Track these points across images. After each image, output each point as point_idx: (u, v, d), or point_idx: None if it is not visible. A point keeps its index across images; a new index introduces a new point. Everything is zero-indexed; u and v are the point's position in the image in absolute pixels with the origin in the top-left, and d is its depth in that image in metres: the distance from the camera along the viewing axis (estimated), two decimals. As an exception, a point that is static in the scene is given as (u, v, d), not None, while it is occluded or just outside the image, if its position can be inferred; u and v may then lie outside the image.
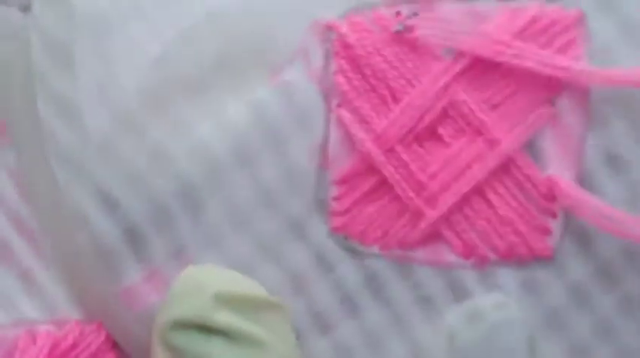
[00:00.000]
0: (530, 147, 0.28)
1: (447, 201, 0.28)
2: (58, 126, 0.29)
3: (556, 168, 0.28)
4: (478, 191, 0.28)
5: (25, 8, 0.29)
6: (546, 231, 0.28)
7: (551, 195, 0.28)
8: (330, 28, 0.29)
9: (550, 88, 0.28)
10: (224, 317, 0.27)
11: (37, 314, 0.30)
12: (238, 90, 0.29)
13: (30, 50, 0.29)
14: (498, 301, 0.28)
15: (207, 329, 0.27)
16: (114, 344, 0.30)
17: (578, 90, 0.28)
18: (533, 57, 0.27)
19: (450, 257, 0.28)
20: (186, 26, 0.29)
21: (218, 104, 0.29)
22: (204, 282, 0.27)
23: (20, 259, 0.30)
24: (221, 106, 0.29)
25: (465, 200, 0.28)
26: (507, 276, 0.28)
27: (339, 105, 0.29)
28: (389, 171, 0.28)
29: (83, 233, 0.29)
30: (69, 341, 0.29)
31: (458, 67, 0.28)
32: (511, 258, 0.28)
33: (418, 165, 0.28)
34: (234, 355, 0.26)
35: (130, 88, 0.29)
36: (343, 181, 0.29)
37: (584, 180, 0.28)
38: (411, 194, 0.28)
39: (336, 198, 0.29)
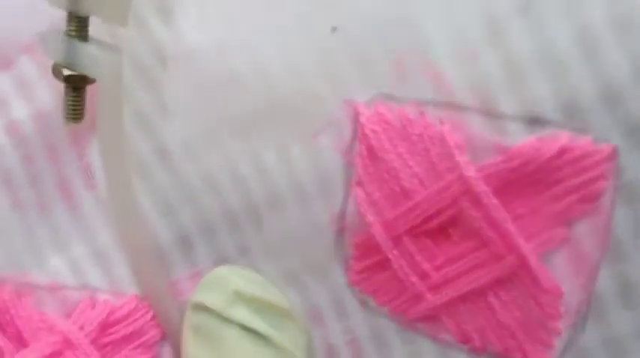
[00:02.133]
0: (533, 266, 0.28)
1: (449, 293, 0.29)
2: (137, 135, 0.32)
3: (566, 288, 0.28)
4: (481, 293, 0.29)
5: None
6: (548, 346, 0.29)
7: (557, 313, 0.28)
8: (359, 110, 0.28)
9: (567, 214, 0.27)
10: (239, 313, 0.30)
11: (101, 284, 0.34)
12: (278, 142, 0.30)
13: (122, 67, 0.31)
14: None
15: (226, 319, 0.31)
16: (159, 324, 0.34)
17: (601, 220, 0.27)
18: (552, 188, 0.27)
19: (448, 337, 0.30)
20: (243, 68, 0.30)
21: (258, 149, 0.30)
22: (229, 279, 0.31)
23: (98, 235, 0.34)
24: (260, 152, 0.30)
25: (466, 296, 0.29)
26: None
27: (357, 184, 0.29)
28: (394, 256, 0.29)
29: (145, 232, 0.32)
30: (123, 311, 0.34)
31: (468, 186, 0.27)
32: (507, 357, 0.30)
33: (424, 255, 0.29)
34: (246, 344, 0.30)
35: (196, 115, 0.31)
36: (358, 247, 0.30)
37: (594, 306, 0.28)
38: (414, 279, 0.29)
39: (353, 258, 0.30)
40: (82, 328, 0.33)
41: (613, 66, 0.25)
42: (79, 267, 0.34)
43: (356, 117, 0.29)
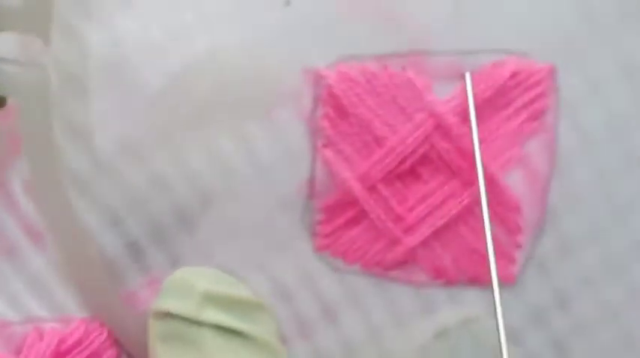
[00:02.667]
0: (501, 186, 0.32)
1: (424, 231, 0.32)
2: (71, 149, 0.31)
3: (524, 204, 0.32)
4: (452, 224, 0.32)
5: (46, 39, 0.31)
6: (511, 260, 0.32)
7: (518, 228, 0.32)
8: (319, 75, 0.30)
9: (521, 133, 0.31)
10: (212, 315, 0.31)
11: (44, 313, 0.33)
12: (232, 125, 0.31)
13: (48, 79, 0.31)
14: (464, 317, 0.33)
15: (197, 322, 0.30)
16: (114, 342, 0.33)
17: (548, 137, 0.31)
18: (506, 109, 0.31)
19: (422, 277, 0.33)
20: (188, 62, 0.30)
21: (212, 138, 0.31)
22: (193, 282, 0.31)
23: (30, 263, 0.33)
24: (215, 140, 0.31)
25: (439, 231, 0.32)
26: (474, 297, 0.33)
27: (324, 146, 0.31)
28: (370, 205, 0.31)
29: (91, 245, 0.32)
30: (74, 337, 0.33)
31: (440, 120, 0.31)
32: (478, 281, 0.33)
33: (397, 199, 0.31)
34: (223, 343, 0.31)
35: (136, 119, 0.31)
36: (327, 209, 0.32)
37: (548, 217, 0.32)
38: (390, 224, 0.32)
39: (321, 223, 0.32)
40: None
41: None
42: (18, 300, 0.32)
43: (318, 82, 0.31)
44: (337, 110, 0.31)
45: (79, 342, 0.32)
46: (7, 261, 0.33)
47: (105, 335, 0.33)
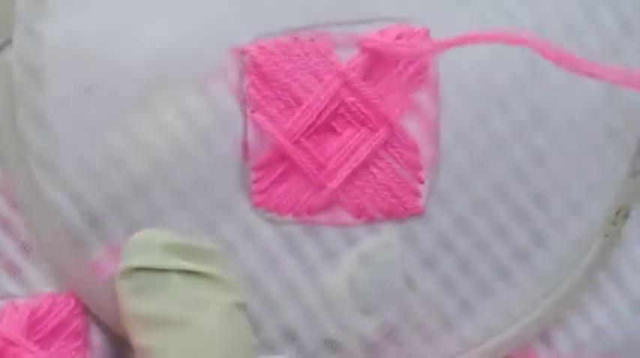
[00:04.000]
0: (400, 130, 0.38)
1: (342, 174, 0.38)
2: (34, 135, 0.36)
3: (420, 144, 0.38)
4: (364, 166, 0.38)
5: (8, 42, 0.36)
6: (417, 194, 0.39)
7: (418, 165, 0.38)
8: (243, 52, 0.37)
9: (410, 85, 0.38)
10: (175, 262, 0.35)
11: (18, 292, 0.37)
12: (174, 101, 0.37)
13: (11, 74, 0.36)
14: (382, 242, 0.39)
15: (163, 269, 0.35)
16: (82, 311, 0.38)
17: (431, 86, 0.38)
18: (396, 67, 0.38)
19: (346, 218, 0.39)
20: (134, 51, 0.36)
21: (158, 114, 0.37)
22: (153, 237, 0.36)
23: (6, 251, 0.37)
24: (160, 115, 0.37)
25: (354, 174, 0.38)
26: (390, 230, 0.39)
27: (252, 111, 0.37)
28: (297, 156, 0.37)
29: (57, 220, 0.36)
30: (44, 308, 0.37)
31: (344, 77, 0.37)
32: (392, 215, 0.39)
33: (318, 150, 0.38)
34: (191, 284, 0.35)
35: (90, 101, 0.36)
36: (260, 168, 0.38)
37: (441, 153, 0.38)
38: (315, 171, 0.38)
39: (256, 181, 0.38)
40: (13, 330, 0.36)
41: None
42: None
43: (241, 57, 0.37)
44: (260, 78, 0.37)
45: (48, 312, 0.37)
46: None
47: (72, 305, 0.37)
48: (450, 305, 0.39)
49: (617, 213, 0.40)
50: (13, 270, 0.37)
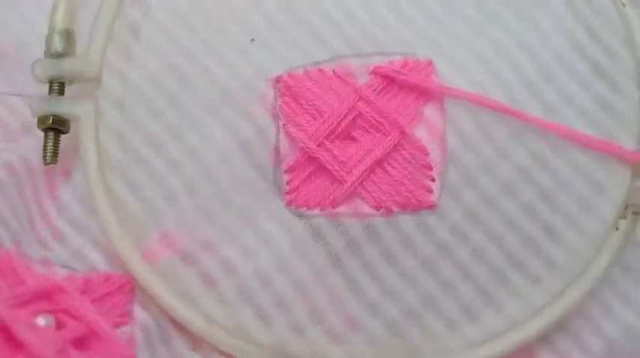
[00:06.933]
0: (411, 137, 0.45)
1: (359, 170, 0.44)
2: (112, 148, 0.45)
3: (430, 148, 0.44)
4: (380, 165, 0.44)
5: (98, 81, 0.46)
6: (429, 189, 0.44)
7: (428, 165, 0.44)
8: (278, 80, 0.46)
9: (418, 102, 0.45)
10: None
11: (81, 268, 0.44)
12: (220, 119, 0.45)
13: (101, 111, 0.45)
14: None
15: None
16: (131, 289, 0.44)
17: (437, 101, 0.45)
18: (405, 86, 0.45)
19: (366, 210, 0.44)
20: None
21: (207, 129, 0.45)
22: None
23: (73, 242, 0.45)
24: (209, 130, 0.45)
25: (371, 170, 0.44)
26: (406, 220, 0.44)
27: (284, 124, 0.45)
28: (321, 155, 0.44)
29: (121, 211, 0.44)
30: (99, 278, 0.43)
31: (360, 93, 0.45)
32: (407, 208, 0.44)
33: (339, 151, 0.44)
34: None
35: (157, 121, 0.46)
36: (291, 170, 0.45)
37: (449, 156, 0.44)
38: (336, 167, 0.44)
39: (288, 183, 0.45)
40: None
41: None
42: (63, 260, 0.44)
43: (277, 84, 0.46)
44: (291, 98, 0.45)
45: (102, 282, 0.43)
46: (57, 239, 0.45)
47: (123, 281, 0.43)
48: (468, 293, 0.43)
49: (626, 208, 0.44)
50: (80, 256, 0.44)
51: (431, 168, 0.44)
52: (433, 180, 0.43)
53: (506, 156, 0.44)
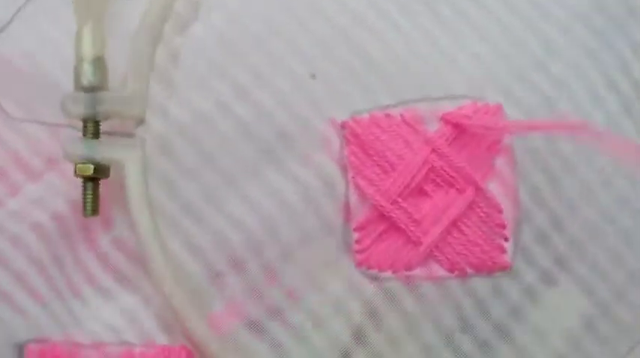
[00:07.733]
0: (485, 193, 0.43)
1: (436, 231, 0.42)
2: (164, 200, 0.41)
3: (504, 205, 0.43)
4: (455, 225, 0.42)
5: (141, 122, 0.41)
6: (503, 251, 0.43)
7: (502, 224, 0.43)
8: (343, 126, 0.42)
9: (490, 153, 0.43)
10: None
11: (135, 340, 0.40)
12: (283, 168, 0.41)
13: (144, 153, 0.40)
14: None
15: None
16: None
17: (508, 152, 0.43)
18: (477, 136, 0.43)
19: (441, 272, 0.42)
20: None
21: (269, 179, 0.41)
22: None
23: (125, 301, 0.41)
24: (271, 181, 0.41)
25: (447, 231, 0.42)
26: (481, 283, 0.42)
27: (353, 177, 0.42)
28: (395, 214, 0.42)
29: (180, 274, 0.40)
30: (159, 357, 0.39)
31: (432, 144, 0.42)
32: (482, 270, 0.42)
33: (414, 209, 0.42)
34: None
35: (211, 169, 0.41)
36: (361, 228, 0.42)
37: (522, 213, 0.43)
38: (412, 228, 0.42)
39: (357, 241, 0.42)
40: None
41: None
42: (113, 327, 0.40)
43: (342, 130, 0.42)
44: (359, 147, 0.42)
45: None
46: (102, 297, 0.40)
47: (183, 354, 0.40)
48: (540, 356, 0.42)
49: None
50: (130, 318, 0.40)
51: (504, 227, 0.42)
52: (507, 239, 0.42)
53: (576, 211, 0.43)
